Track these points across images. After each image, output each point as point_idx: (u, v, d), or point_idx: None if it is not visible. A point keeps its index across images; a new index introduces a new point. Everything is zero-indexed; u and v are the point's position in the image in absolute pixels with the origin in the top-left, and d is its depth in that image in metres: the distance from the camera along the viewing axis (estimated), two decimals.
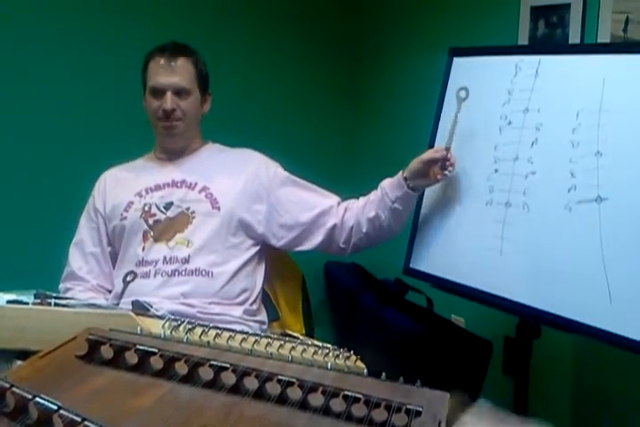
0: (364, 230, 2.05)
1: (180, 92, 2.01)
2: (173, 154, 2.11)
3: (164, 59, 2.01)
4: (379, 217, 2.03)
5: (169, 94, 2.00)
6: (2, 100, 2.62)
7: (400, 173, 2.01)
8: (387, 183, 2.05)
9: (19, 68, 2.64)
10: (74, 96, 2.72)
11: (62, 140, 2.70)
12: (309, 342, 1.50)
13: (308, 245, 2.10)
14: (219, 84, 2.13)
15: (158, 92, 2.00)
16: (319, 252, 2.14)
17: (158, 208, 2.02)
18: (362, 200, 2.08)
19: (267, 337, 1.49)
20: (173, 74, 2.01)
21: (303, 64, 3.24)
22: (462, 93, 2.01)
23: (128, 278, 1.95)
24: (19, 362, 1.47)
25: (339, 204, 2.11)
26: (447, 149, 1.98)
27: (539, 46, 2.40)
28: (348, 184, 2.11)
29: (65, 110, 2.71)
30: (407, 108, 3.08)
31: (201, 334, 1.47)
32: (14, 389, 0.92)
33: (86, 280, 2.04)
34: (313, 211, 2.08)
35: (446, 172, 1.97)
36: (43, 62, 2.67)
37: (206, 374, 1.11)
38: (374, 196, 2.06)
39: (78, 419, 0.87)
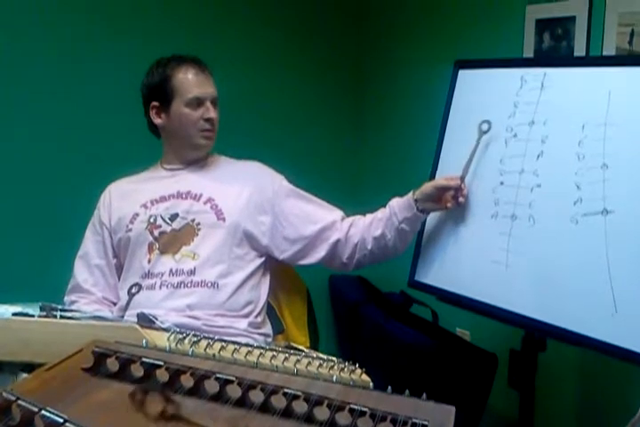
0: (369, 248, 2.06)
1: (214, 102, 2.06)
2: (190, 164, 2.12)
3: (195, 70, 2.04)
4: (384, 236, 2.04)
5: (209, 104, 2.04)
6: (11, 115, 2.64)
7: (410, 194, 2.02)
8: (395, 203, 2.05)
9: (31, 84, 2.65)
10: (79, 111, 2.73)
11: (67, 153, 2.71)
12: (314, 355, 1.50)
13: (311, 259, 2.11)
14: (227, 97, 2.14)
15: (197, 103, 2.02)
16: (322, 266, 2.14)
17: (164, 220, 2.03)
18: (368, 217, 2.09)
19: (271, 350, 1.50)
20: (209, 85, 2.06)
21: (308, 78, 3.25)
22: (484, 126, 2.01)
23: (133, 290, 1.96)
24: (24, 375, 1.48)
25: (342, 218, 2.11)
26: (462, 178, 2.00)
27: (544, 59, 2.41)
28: (351, 196, 2.12)
29: (70, 124, 2.72)
30: (412, 121, 3.09)
31: (206, 346, 1.48)
32: (20, 402, 0.93)
33: (91, 293, 2.05)
34: (316, 225, 2.08)
35: (459, 200, 2.00)
36: (54, 78, 2.69)
37: (212, 387, 1.11)
38: (382, 214, 2.06)
39: None
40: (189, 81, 2.03)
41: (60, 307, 1.70)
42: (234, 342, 1.52)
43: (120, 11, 2.77)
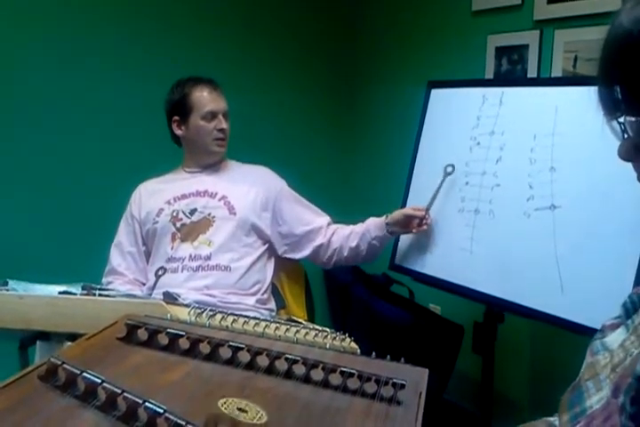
0: (345, 255, 2.09)
1: (225, 115, 2.05)
2: (207, 168, 2.12)
3: (209, 89, 2.04)
4: (358, 247, 2.06)
5: (221, 117, 2.03)
6: (64, 135, 2.64)
7: (384, 217, 2.04)
8: (371, 222, 2.07)
9: (84, 104, 2.67)
10: (117, 126, 2.73)
11: (105, 160, 2.70)
12: (311, 327, 1.50)
13: (298, 255, 2.14)
14: (237, 112, 2.14)
15: (211, 117, 2.02)
16: (308, 261, 2.18)
17: (184, 214, 2.02)
18: (348, 229, 2.10)
19: (275, 322, 1.50)
20: (221, 101, 2.06)
21: (306, 96, 3.23)
22: (449, 169, 2.00)
23: (159, 273, 1.95)
24: (69, 343, 1.47)
25: (328, 224, 2.13)
26: (427, 210, 2.00)
27: (502, 80, 2.41)
28: (340, 197, 2.11)
29: (108, 137, 2.72)
30: (394, 130, 3.07)
31: (221, 319, 1.48)
32: (65, 365, 0.92)
33: (125, 275, 2.04)
34: (306, 226, 2.10)
35: (423, 227, 2.00)
36: (102, 100, 2.70)
37: (225, 353, 1.11)
38: (359, 228, 2.08)
39: (118, 391, 0.86)
40: (204, 98, 2.03)
41: (98, 287, 1.70)
42: (244, 316, 1.52)
43: (149, 42, 2.77)
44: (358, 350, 1.40)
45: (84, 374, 0.90)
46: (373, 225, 2.05)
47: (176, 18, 2.82)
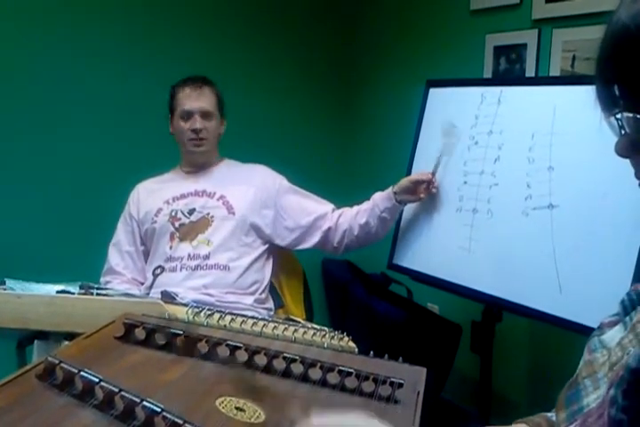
0: (356, 234, 2.06)
1: (205, 115, 2.03)
2: (197, 168, 2.12)
3: (190, 87, 2.03)
4: (368, 223, 2.04)
5: (197, 117, 2.02)
6: (63, 134, 2.65)
7: (390, 188, 2.03)
8: (378, 196, 2.06)
9: (88, 107, 2.68)
10: (114, 125, 2.73)
11: (103, 159, 2.70)
12: (309, 326, 1.50)
13: (306, 245, 2.11)
14: (239, 112, 2.14)
15: (188, 116, 2.01)
16: (317, 249, 2.15)
17: (183, 213, 2.02)
18: (355, 208, 2.09)
19: (273, 321, 1.49)
20: (200, 99, 2.03)
21: (306, 94, 3.23)
22: (448, 126, 2.00)
23: (157, 272, 1.95)
24: (66, 342, 1.47)
25: (333, 210, 2.12)
26: (433, 174, 2.00)
27: (501, 79, 2.41)
28: (341, 191, 2.10)
29: (106, 137, 2.72)
30: (392, 129, 3.07)
31: (218, 318, 1.47)
32: (63, 364, 0.92)
33: (123, 274, 2.04)
34: (311, 215, 2.09)
35: (432, 191, 2.00)
36: (95, 96, 2.70)
37: (223, 352, 1.11)
38: (366, 205, 2.07)
39: (116, 390, 0.86)
40: (183, 97, 2.04)
41: (96, 286, 1.70)
42: (242, 315, 1.52)
43: (150, 41, 2.77)
44: (356, 350, 1.40)
45: (82, 373, 0.90)
46: (380, 198, 2.04)
47: (177, 17, 2.82)
